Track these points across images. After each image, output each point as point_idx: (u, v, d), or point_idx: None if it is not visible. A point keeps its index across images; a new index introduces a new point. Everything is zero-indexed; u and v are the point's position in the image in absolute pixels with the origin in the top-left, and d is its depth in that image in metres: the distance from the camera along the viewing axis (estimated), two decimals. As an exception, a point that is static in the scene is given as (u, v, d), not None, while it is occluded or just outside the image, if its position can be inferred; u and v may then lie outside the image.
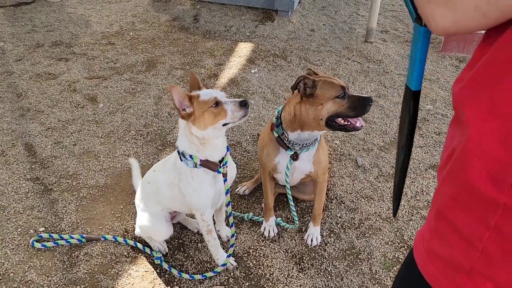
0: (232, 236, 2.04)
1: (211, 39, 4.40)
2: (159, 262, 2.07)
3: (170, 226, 2.11)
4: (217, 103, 1.69)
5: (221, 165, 1.81)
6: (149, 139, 2.96)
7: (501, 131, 0.62)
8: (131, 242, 2.16)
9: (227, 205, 1.97)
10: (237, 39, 4.42)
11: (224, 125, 1.71)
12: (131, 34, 4.45)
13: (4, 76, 3.58)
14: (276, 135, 1.96)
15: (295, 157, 1.96)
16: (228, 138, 2.96)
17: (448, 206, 0.73)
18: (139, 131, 3.03)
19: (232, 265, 2.09)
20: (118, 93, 3.45)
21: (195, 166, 1.77)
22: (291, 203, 2.17)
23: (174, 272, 2.03)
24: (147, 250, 2.14)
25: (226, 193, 1.90)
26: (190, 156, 1.77)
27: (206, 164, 1.77)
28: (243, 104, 1.68)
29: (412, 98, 0.88)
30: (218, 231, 2.24)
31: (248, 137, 3.01)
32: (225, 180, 1.85)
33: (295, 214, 2.24)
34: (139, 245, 2.15)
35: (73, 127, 3.04)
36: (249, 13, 4.97)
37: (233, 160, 2.77)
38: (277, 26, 4.72)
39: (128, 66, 3.84)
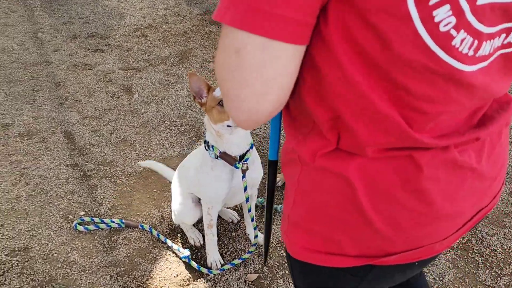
0: (255, 229, 2.02)
1: (242, 33, 4.42)
2: (187, 260, 2.06)
3: (198, 209, 2.11)
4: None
5: (242, 161, 1.76)
6: (183, 129, 3.02)
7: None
8: (162, 238, 2.17)
9: (246, 201, 1.90)
10: (267, 34, 4.43)
11: (228, 126, 1.66)
12: (163, 27, 4.52)
13: (43, 65, 3.70)
14: None
15: None
16: (260, 131, 3.00)
17: (282, 167, 0.87)
18: (173, 121, 3.09)
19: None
20: (152, 84, 3.52)
21: (216, 158, 1.78)
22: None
23: (204, 270, 2.03)
24: (175, 247, 2.13)
25: (245, 190, 1.82)
26: (212, 146, 1.78)
27: (224, 157, 1.75)
28: None
29: (269, 167, 1.06)
30: (248, 234, 2.26)
31: (280, 130, 3.04)
32: (243, 177, 1.78)
33: None
34: (169, 242, 2.15)
35: (110, 116, 3.13)
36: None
37: (262, 153, 2.81)
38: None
39: (162, 58, 3.91)
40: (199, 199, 2.12)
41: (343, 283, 0.87)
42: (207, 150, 1.82)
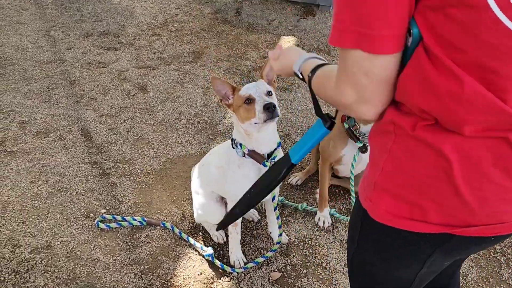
0: (280, 235, 2.02)
1: (254, 32, 4.43)
2: (210, 259, 2.06)
3: (222, 208, 2.11)
4: (251, 100, 1.68)
5: (269, 159, 1.78)
6: (199, 128, 3.02)
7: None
8: (185, 236, 2.17)
9: (273, 199, 1.91)
10: (279, 33, 4.44)
11: (255, 123, 1.69)
12: (175, 25, 4.52)
13: (57, 63, 3.70)
14: (346, 126, 1.98)
15: (364, 149, 1.97)
16: (277, 130, 2.99)
17: (370, 138, 0.95)
18: (190, 120, 3.09)
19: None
20: (167, 82, 3.52)
21: (244, 156, 1.80)
22: (353, 194, 2.17)
23: (227, 269, 2.03)
24: (198, 245, 2.12)
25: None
26: (240, 144, 1.80)
27: (253, 155, 1.77)
28: (266, 108, 1.63)
29: (287, 168, 1.18)
30: (270, 233, 2.24)
31: (297, 129, 3.04)
32: None
33: None
34: (191, 240, 2.15)
35: (126, 114, 3.13)
36: (290, 7, 4.98)
37: (283, 151, 2.81)
38: (319, 21, 4.71)
39: (175, 57, 3.91)
40: (222, 198, 2.12)
41: (416, 250, 0.91)
42: (234, 148, 1.82)
